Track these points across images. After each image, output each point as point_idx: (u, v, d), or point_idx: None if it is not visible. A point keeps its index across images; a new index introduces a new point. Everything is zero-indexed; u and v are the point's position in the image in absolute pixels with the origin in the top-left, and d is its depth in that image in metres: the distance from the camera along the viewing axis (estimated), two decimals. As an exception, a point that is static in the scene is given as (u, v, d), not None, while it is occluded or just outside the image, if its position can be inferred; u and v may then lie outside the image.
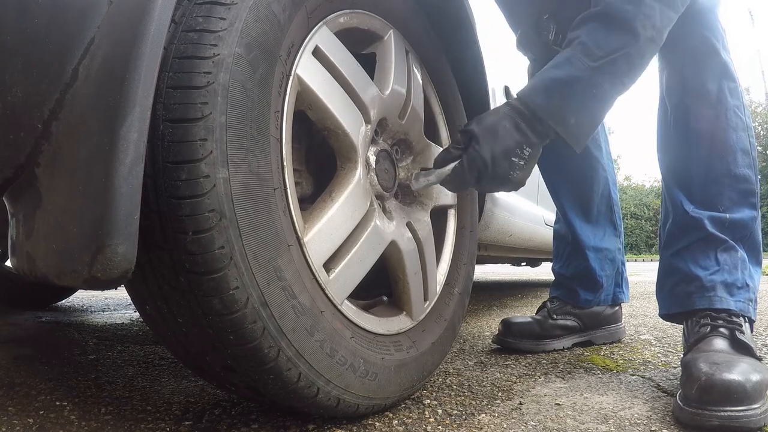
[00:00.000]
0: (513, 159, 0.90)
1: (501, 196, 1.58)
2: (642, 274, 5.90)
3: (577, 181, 1.41)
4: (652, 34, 0.89)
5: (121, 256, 0.51)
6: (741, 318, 0.97)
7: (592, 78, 0.88)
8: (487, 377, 1.11)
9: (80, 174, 0.52)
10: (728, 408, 0.77)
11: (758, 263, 1.06)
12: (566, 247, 1.47)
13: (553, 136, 0.92)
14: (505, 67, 1.67)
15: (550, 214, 2.23)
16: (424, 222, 1.01)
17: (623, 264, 1.48)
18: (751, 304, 1.00)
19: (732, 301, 0.99)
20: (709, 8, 1.05)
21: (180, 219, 0.57)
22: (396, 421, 0.83)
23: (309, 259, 0.72)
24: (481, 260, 2.77)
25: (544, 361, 1.26)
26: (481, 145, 0.89)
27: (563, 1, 1.15)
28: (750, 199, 1.05)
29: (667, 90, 1.11)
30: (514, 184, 0.94)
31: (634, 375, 1.13)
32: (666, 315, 1.09)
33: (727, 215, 1.03)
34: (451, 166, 0.92)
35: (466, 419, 0.84)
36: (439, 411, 0.88)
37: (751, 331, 1.00)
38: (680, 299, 1.05)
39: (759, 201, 1.06)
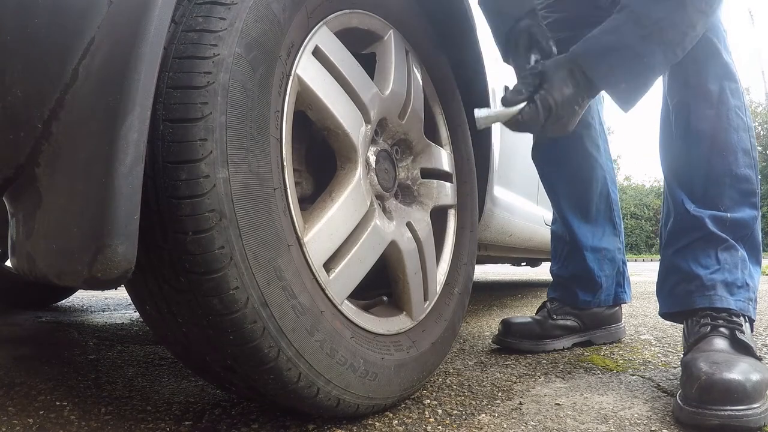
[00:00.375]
0: (575, 107, 0.95)
1: (501, 196, 1.58)
2: (642, 274, 5.90)
3: (575, 181, 1.41)
4: (701, 5, 0.89)
5: (121, 256, 0.51)
6: (741, 318, 0.97)
7: (641, 46, 0.90)
8: (487, 377, 1.11)
9: (80, 174, 0.52)
10: (728, 407, 0.77)
11: (758, 263, 1.06)
12: (564, 248, 1.46)
13: (599, 90, 0.96)
14: (505, 67, 1.67)
15: (549, 214, 2.22)
16: (424, 222, 1.01)
17: (624, 263, 1.48)
18: (751, 303, 1.01)
19: (732, 300, 0.99)
20: None
21: (180, 219, 0.57)
22: (396, 421, 0.83)
23: (309, 259, 0.72)
24: (481, 260, 2.77)
25: (544, 361, 1.26)
26: (554, 88, 0.93)
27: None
28: (751, 199, 1.05)
29: (669, 90, 1.12)
30: (566, 127, 0.98)
31: (634, 375, 1.13)
32: (666, 314, 1.09)
33: (728, 215, 1.04)
34: (520, 106, 0.95)
35: (466, 419, 0.84)
36: (439, 411, 0.88)
37: (752, 330, 1.00)
38: (681, 298, 1.05)
39: (759, 201, 1.07)
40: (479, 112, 0.98)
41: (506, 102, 0.97)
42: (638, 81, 0.93)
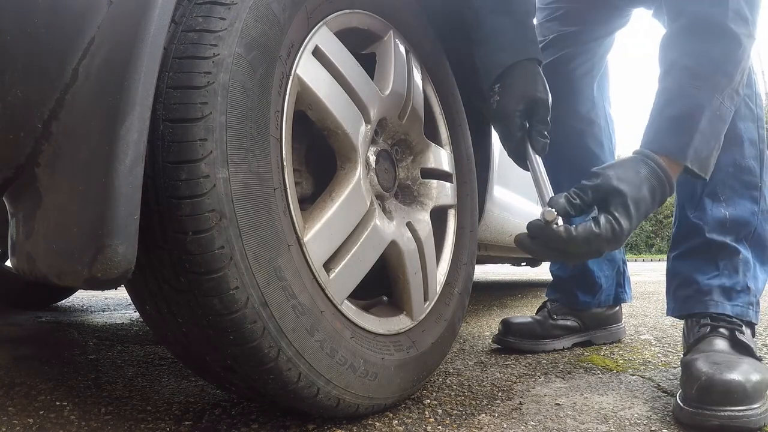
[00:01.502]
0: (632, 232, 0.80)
1: (500, 196, 1.58)
2: (642, 274, 5.90)
3: (574, 179, 1.41)
4: (747, 29, 0.80)
5: (121, 256, 0.51)
6: (741, 321, 0.97)
7: (712, 100, 0.79)
8: (487, 377, 1.11)
9: (80, 174, 0.52)
10: (728, 408, 0.77)
11: (765, 262, 1.05)
12: None
13: (671, 194, 0.82)
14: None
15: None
16: (424, 222, 1.01)
17: (624, 263, 1.47)
18: (751, 308, 1.00)
19: (729, 305, 0.98)
20: None
21: (180, 219, 0.57)
22: (396, 421, 0.83)
23: (309, 259, 0.72)
24: (481, 260, 2.77)
25: (544, 361, 1.26)
26: (624, 218, 0.76)
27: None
28: (752, 192, 1.03)
29: None
30: (614, 248, 0.81)
31: (634, 375, 1.13)
32: (672, 316, 1.10)
33: (727, 213, 1.03)
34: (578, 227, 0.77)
35: (466, 419, 0.84)
36: (439, 411, 0.88)
37: (753, 335, 0.99)
38: (681, 302, 1.06)
39: (766, 196, 1.04)
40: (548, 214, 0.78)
41: (555, 205, 0.78)
42: (717, 141, 0.82)
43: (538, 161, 0.93)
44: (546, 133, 0.94)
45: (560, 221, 0.77)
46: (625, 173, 0.79)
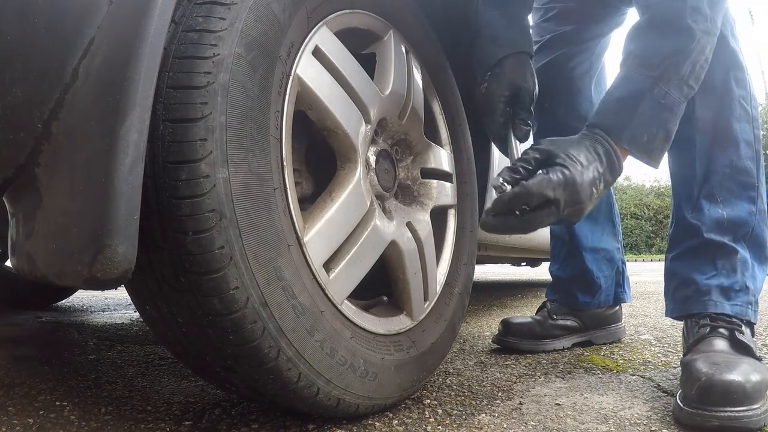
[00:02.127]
0: (593, 188, 0.82)
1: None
2: (642, 274, 5.90)
3: None
4: (705, 26, 0.83)
5: (121, 256, 0.51)
6: (740, 321, 0.97)
7: (655, 87, 0.83)
8: (487, 377, 1.11)
9: (80, 174, 0.52)
10: (728, 408, 0.77)
11: (763, 261, 1.05)
12: (562, 248, 1.46)
13: (620, 172, 0.85)
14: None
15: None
16: (424, 222, 1.01)
17: (623, 263, 1.47)
18: (750, 307, 1.00)
19: (728, 305, 0.98)
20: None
21: (180, 219, 0.57)
22: (396, 421, 0.83)
23: (309, 259, 0.72)
24: (481, 260, 2.77)
25: (544, 361, 1.26)
26: (574, 165, 0.80)
27: None
28: (749, 193, 1.04)
29: None
30: (580, 215, 0.83)
31: (634, 375, 1.13)
32: (671, 317, 1.10)
33: (725, 213, 1.03)
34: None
35: (466, 419, 0.84)
36: (439, 411, 0.88)
37: (752, 334, 0.99)
38: (680, 303, 1.05)
39: (763, 196, 1.05)
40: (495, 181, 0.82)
41: (497, 183, 0.82)
42: (661, 128, 0.85)
43: (518, 148, 0.98)
44: (529, 121, 0.98)
45: (509, 188, 0.80)
46: (564, 139, 0.85)
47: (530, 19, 1.31)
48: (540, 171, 0.81)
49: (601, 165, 0.83)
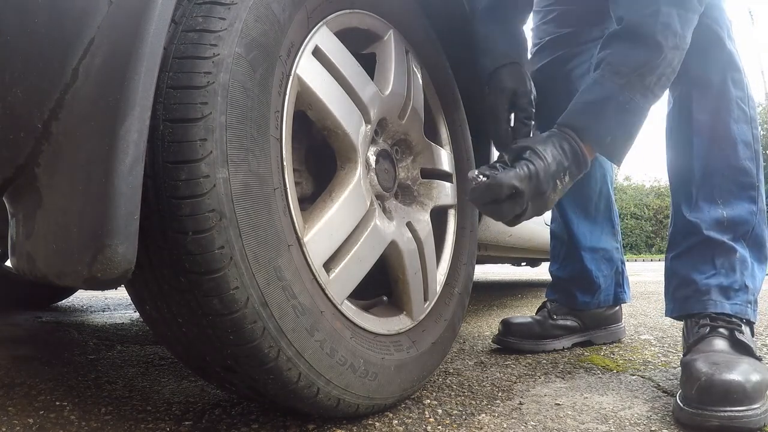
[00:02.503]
0: (557, 181, 0.89)
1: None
2: (642, 274, 5.90)
3: None
4: (674, 41, 0.88)
5: (121, 256, 0.51)
6: (741, 320, 0.97)
7: (621, 94, 0.89)
8: (487, 377, 1.11)
9: (80, 174, 0.52)
10: (728, 408, 0.77)
11: (763, 260, 1.05)
12: (562, 248, 1.46)
13: (586, 167, 0.92)
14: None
15: (549, 213, 2.23)
16: (424, 222, 1.01)
17: (622, 263, 1.47)
18: (750, 306, 1.00)
19: (728, 304, 0.98)
20: (714, 3, 1.04)
21: (180, 219, 0.57)
22: (396, 421, 0.83)
23: (309, 259, 0.72)
24: (481, 260, 2.77)
25: (544, 361, 1.26)
26: (536, 159, 0.87)
27: None
28: (749, 193, 1.04)
29: (672, 82, 1.11)
30: (545, 206, 0.91)
31: (634, 375, 1.13)
32: (671, 317, 1.10)
33: (725, 213, 1.03)
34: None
35: (466, 419, 0.84)
36: (439, 411, 0.88)
37: (752, 333, 1.00)
38: (680, 303, 1.06)
39: (763, 195, 1.05)
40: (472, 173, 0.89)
41: (473, 176, 0.88)
42: (623, 131, 0.91)
43: None
44: (529, 121, 1.05)
45: (482, 178, 0.87)
46: (534, 138, 0.93)
47: (531, 21, 1.32)
48: (511, 166, 0.88)
49: (566, 160, 0.90)
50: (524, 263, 3.73)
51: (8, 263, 1.95)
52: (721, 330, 0.95)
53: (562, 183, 0.90)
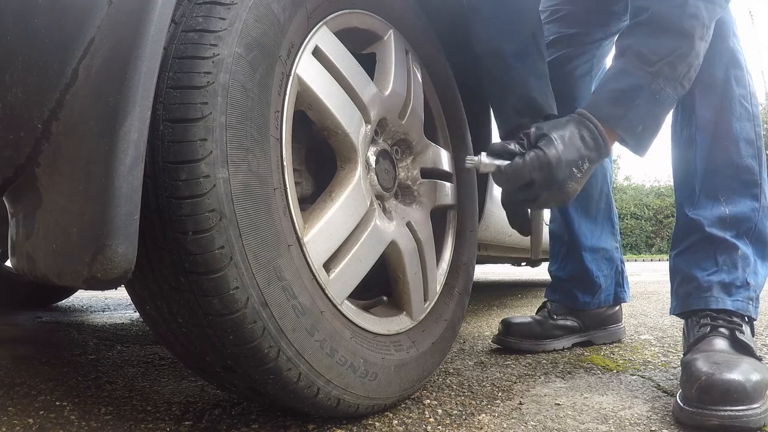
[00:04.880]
0: (573, 169, 0.88)
1: (500, 195, 1.57)
2: (642, 274, 5.90)
3: None
4: (702, 32, 0.88)
5: (121, 256, 0.51)
6: (742, 318, 0.97)
7: (653, 83, 0.88)
8: (487, 377, 1.11)
9: (80, 174, 0.52)
10: (728, 408, 0.77)
11: (765, 258, 1.05)
12: (562, 248, 1.46)
13: (607, 155, 0.91)
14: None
15: (548, 214, 2.23)
16: (424, 222, 1.01)
17: (622, 262, 1.48)
18: (751, 303, 1.00)
19: (729, 301, 0.98)
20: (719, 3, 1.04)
21: (180, 219, 0.57)
22: (396, 421, 0.83)
23: (309, 259, 0.72)
24: (481, 260, 2.76)
25: (544, 361, 1.26)
26: (550, 147, 0.87)
27: None
28: (752, 190, 1.04)
29: None
30: (566, 195, 0.90)
31: (634, 375, 1.13)
32: (675, 314, 1.10)
33: (727, 210, 1.03)
34: (506, 162, 0.90)
35: (466, 419, 0.84)
36: (439, 411, 0.88)
37: (752, 331, 1.00)
38: (682, 300, 1.06)
39: (766, 193, 1.05)
40: (470, 160, 0.92)
41: (492, 152, 0.91)
42: (653, 119, 0.90)
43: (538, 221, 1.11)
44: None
45: (482, 167, 0.91)
46: (555, 123, 0.92)
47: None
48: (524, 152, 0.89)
49: (586, 147, 0.89)
50: (524, 263, 3.72)
51: (8, 263, 1.95)
52: (722, 330, 0.95)
53: (581, 171, 0.89)
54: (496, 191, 1.51)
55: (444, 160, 1.11)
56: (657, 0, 0.89)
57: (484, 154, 0.92)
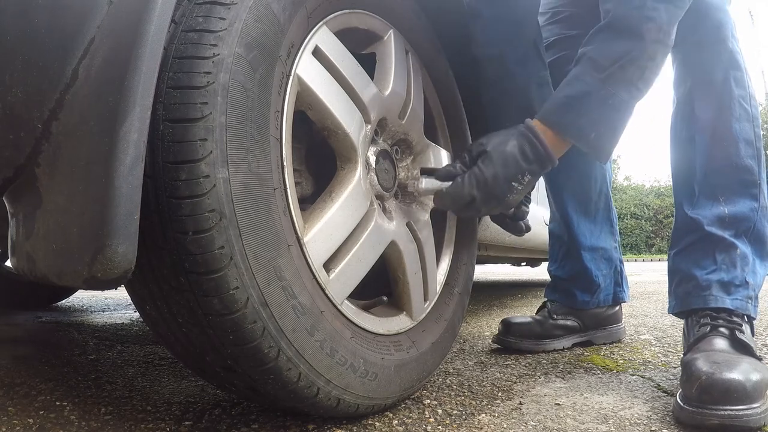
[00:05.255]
0: (513, 183, 0.90)
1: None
2: (642, 274, 5.90)
3: (577, 178, 1.41)
4: (658, 35, 0.88)
5: (121, 256, 0.51)
6: (741, 317, 0.97)
7: (603, 89, 0.88)
8: (487, 377, 1.11)
9: (80, 174, 0.52)
10: (728, 407, 0.77)
11: (764, 257, 1.05)
12: (561, 247, 1.47)
13: (552, 165, 0.92)
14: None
15: (549, 214, 2.23)
16: (424, 222, 1.01)
17: (621, 262, 1.48)
18: (750, 301, 1.00)
19: (729, 299, 0.99)
20: (718, 6, 1.05)
21: (180, 219, 0.57)
22: (396, 421, 0.83)
23: (309, 259, 0.72)
24: (481, 260, 2.77)
25: (544, 361, 1.26)
26: (486, 166, 0.89)
27: None
28: (751, 190, 1.04)
29: (676, 82, 1.12)
30: (506, 206, 0.94)
31: (634, 375, 1.13)
32: (674, 314, 1.10)
33: (726, 209, 1.03)
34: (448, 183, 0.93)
35: (466, 419, 0.84)
36: (439, 411, 0.88)
37: (752, 330, 1.00)
38: (681, 299, 1.06)
39: (765, 193, 1.06)
40: (421, 188, 0.96)
41: (439, 176, 0.95)
42: (607, 126, 0.90)
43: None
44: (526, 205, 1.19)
45: (421, 191, 0.97)
46: (495, 137, 0.93)
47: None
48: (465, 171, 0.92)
49: (526, 161, 0.90)
50: (524, 263, 3.73)
51: (8, 263, 1.95)
52: (722, 329, 0.95)
53: (522, 183, 0.91)
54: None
55: (444, 160, 1.11)
56: (619, 4, 0.89)
57: (422, 178, 0.96)
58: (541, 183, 1.91)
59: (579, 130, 0.90)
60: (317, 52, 0.77)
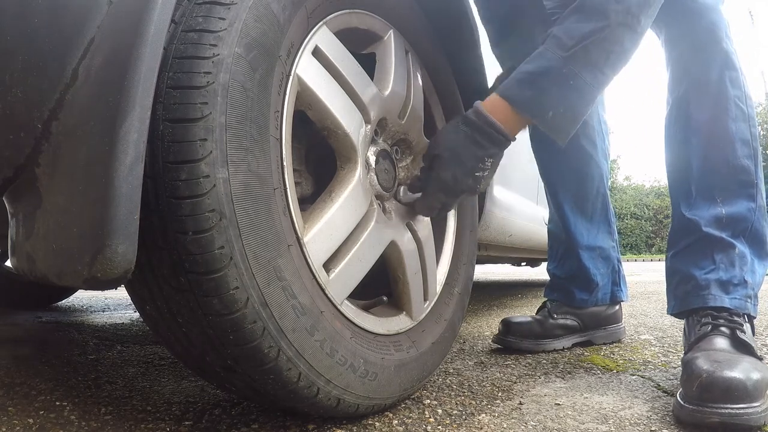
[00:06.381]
0: (476, 173, 0.90)
1: (500, 196, 1.58)
2: (642, 274, 5.90)
3: (571, 172, 1.41)
4: (625, 18, 0.85)
5: (121, 256, 0.51)
6: (742, 317, 0.97)
7: (564, 67, 0.85)
8: (487, 377, 1.11)
9: (80, 174, 0.52)
10: (729, 406, 0.77)
11: (763, 257, 1.06)
12: (560, 247, 1.47)
13: (511, 141, 0.90)
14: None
15: (548, 214, 2.23)
16: (424, 222, 1.01)
17: (619, 261, 1.48)
18: (749, 301, 1.00)
19: (727, 299, 0.99)
20: (711, 7, 1.05)
21: (180, 219, 0.57)
22: (396, 421, 0.83)
23: (309, 259, 0.72)
24: (481, 260, 2.77)
25: (544, 361, 1.26)
26: (443, 169, 0.89)
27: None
28: (748, 190, 1.04)
29: (671, 83, 1.12)
30: (479, 190, 0.94)
31: (634, 375, 1.13)
32: (674, 314, 1.10)
33: (723, 210, 1.04)
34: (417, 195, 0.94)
35: (466, 419, 0.84)
36: (439, 411, 0.88)
37: (752, 329, 1.00)
38: (680, 299, 1.06)
39: (762, 192, 1.06)
40: (401, 193, 0.96)
41: (412, 189, 0.95)
42: (567, 106, 0.87)
43: None
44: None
45: (402, 197, 0.96)
46: (443, 135, 0.93)
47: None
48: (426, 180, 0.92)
49: (482, 149, 0.89)
50: (524, 263, 3.73)
51: (8, 263, 1.95)
52: (723, 329, 0.95)
53: (486, 168, 0.90)
54: (496, 191, 1.51)
55: (444, 160, 1.11)
56: None
57: (401, 189, 0.97)
58: (541, 183, 1.91)
59: (536, 107, 0.87)
60: (317, 52, 0.77)
